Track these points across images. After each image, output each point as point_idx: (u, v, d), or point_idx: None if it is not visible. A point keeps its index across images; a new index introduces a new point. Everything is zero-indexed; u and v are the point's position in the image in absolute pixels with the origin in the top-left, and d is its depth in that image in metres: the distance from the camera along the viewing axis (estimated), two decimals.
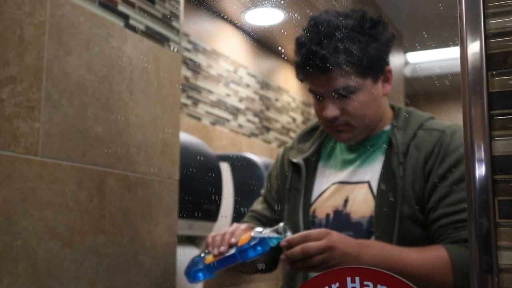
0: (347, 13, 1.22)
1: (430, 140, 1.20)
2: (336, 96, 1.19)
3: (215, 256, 1.19)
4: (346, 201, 1.25)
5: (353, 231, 1.20)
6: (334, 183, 1.29)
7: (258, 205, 1.46)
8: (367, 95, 1.20)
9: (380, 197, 1.19)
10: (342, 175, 1.28)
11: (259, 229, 1.16)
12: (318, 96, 1.23)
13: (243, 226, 1.23)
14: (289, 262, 1.08)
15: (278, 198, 1.40)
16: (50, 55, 1.12)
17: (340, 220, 1.24)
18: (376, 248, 1.10)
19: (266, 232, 1.14)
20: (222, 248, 1.17)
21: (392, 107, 1.31)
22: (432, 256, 1.10)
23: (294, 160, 1.34)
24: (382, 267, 1.04)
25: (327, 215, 1.26)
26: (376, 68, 1.21)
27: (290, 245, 1.07)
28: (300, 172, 1.32)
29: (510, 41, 0.55)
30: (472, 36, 0.56)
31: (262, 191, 1.49)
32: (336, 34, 1.17)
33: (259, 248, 1.13)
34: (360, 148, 1.29)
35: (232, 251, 1.16)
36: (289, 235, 1.12)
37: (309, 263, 1.05)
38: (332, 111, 1.20)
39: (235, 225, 1.24)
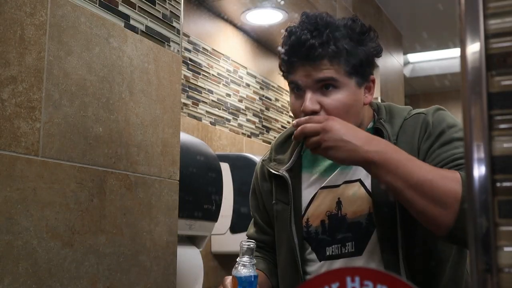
0: (340, 18, 1.22)
1: (417, 122, 1.18)
2: (318, 88, 1.15)
3: None
4: (338, 203, 1.21)
5: (351, 232, 1.18)
6: (322, 188, 1.24)
7: (250, 229, 1.42)
8: (349, 95, 1.16)
9: (376, 191, 1.16)
10: (330, 179, 1.24)
11: (238, 271, 1.13)
12: (298, 89, 1.18)
13: (228, 280, 1.15)
14: (295, 140, 1.15)
15: (267, 215, 1.35)
16: (51, 55, 1.12)
17: (336, 223, 1.20)
18: (381, 145, 1.06)
19: (242, 270, 1.11)
20: None
21: (370, 105, 1.28)
22: (441, 169, 1.07)
23: (277, 173, 1.27)
24: (385, 167, 1.03)
25: (322, 222, 1.22)
26: (361, 71, 1.17)
27: (298, 124, 1.10)
28: (285, 184, 1.26)
29: (510, 41, 0.55)
30: (472, 36, 0.56)
31: (251, 213, 1.42)
32: (327, 29, 1.15)
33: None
34: None
35: None
36: (250, 262, 1.10)
37: (307, 143, 1.09)
38: (312, 104, 1.14)
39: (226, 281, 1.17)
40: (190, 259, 1.73)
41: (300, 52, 1.15)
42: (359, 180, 1.20)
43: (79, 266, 1.15)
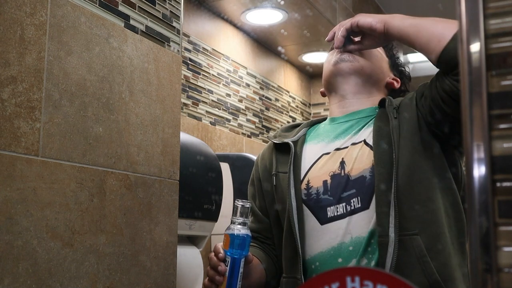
0: None
1: (412, 96, 1.29)
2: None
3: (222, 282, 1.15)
4: (342, 163, 1.24)
5: (355, 188, 1.19)
6: (325, 153, 1.29)
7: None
8: (375, 57, 1.36)
9: (377, 146, 1.20)
10: (333, 145, 1.29)
11: (230, 229, 1.13)
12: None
13: (220, 243, 1.19)
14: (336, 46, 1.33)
15: (263, 201, 1.38)
16: (51, 55, 1.12)
17: (340, 182, 1.22)
18: (399, 15, 1.29)
19: (234, 227, 1.12)
20: (220, 268, 1.14)
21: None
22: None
23: (281, 142, 1.34)
24: (399, 19, 1.27)
25: (324, 182, 1.24)
26: (396, 63, 1.42)
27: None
28: (287, 152, 1.31)
29: (510, 41, 0.55)
30: (472, 36, 0.56)
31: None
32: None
33: (237, 241, 1.11)
34: (349, 120, 1.32)
35: (229, 261, 1.13)
36: (245, 221, 1.10)
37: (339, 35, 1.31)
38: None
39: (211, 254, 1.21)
40: (190, 259, 1.73)
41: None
42: (363, 141, 1.25)
43: (79, 266, 1.15)
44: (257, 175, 1.41)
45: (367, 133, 1.26)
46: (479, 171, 0.54)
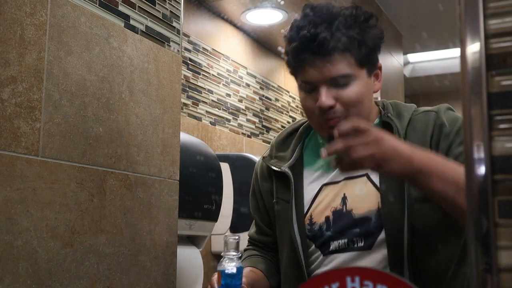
0: (342, 6, 1.19)
1: (428, 120, 1.17)
2: (332, 85, 1.13)
3: None
4: (344, 199, 1.19)
5: (359, 228, 1.15)
6: (325, 184, 1.22)
7: (251, 230, 1.40)
8: (362, 86, 1.15)
9: (384, 186, 1.14)
10: (333, 175, 1.22)
11: (221, 265, 1.11)
12: (310, 89, 1.16)
13: (215, 276, 1.14)
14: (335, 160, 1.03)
15: (267, 216, 1.33)
16: (51, 55, 1.12)
17: (342, 219, 1.18)
18: (424, 153, 1.02)
19: (225, 264, 1.10)
20: None
21: (376, 103, 1.28)
22: None
23: (279, 170, 1.25)
24: (435, 174, 0.97)
25: (327, 218, 1.20)
26: (371, 59, 1.17)
27: (339, 134, 0.99)
28: (287, 181, 1.24)
29: (510, 41, 0.55)
30: (472, 36, 0.56)
31: (252, 213, 1.40)
32: (335, 20, 1.12)
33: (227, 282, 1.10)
34: None
35: None
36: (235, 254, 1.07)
37: (348, 160, 0.98)
38: (328, 100, 1.12)
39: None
40: (190, 259, 1.73)
41: (312, 47, 1.11)
42: (366, 175, 1.18)
43: (79, 266, 1.15)
44: (258, 189, 1.35)
45: None
46: (479, 171, 0.54)
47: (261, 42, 3.15)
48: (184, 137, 1.69)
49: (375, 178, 1.16)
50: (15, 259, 1.02)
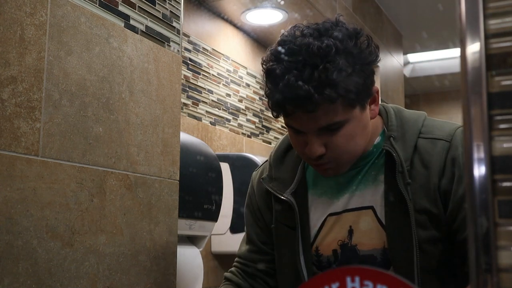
0: (321, 28, 1.02)
1: (438, 154, 1.06)
2: (321, 132, 1.02)
3: None
4: (350, 231, 1.11)
5: (365, 264, 1.07)
6: (331, 214, 1.14)
7: (242, 248, 1.29)
8: (355, 126, 1.03)
9: (390, 226, 1.06)
10: (338, 204, 1.13)
11: None
12: (297, 131, 1.05)
13: None
14: None
15: (266, 233, 1.23)
16: (51, 55, 1.12)
17: (348, 254, 1.11)
18: None
19: None
20: None
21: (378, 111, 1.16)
22: None
23: (282, 197, 1.15)
24: None
25: (334, 251, 1.12)
26: (364, 94, 1.03)
27: None
28: (290, 208, 1.15)
29: (510, 41, 0.55)
30: (472, 36, 0.56)
31: (245, 228, 1.30)
32: (318, 61, 0.96)
33: None
34: (352, 169, 1.12)
35: None
36: None
37: None
38: (317, 148, 1.02)
39: None
40: (190, 259, 1.73)
41: (294, 101, 0.98)
42: (372, 208, 1.10)
43: (79, 266, 1.15)
44: (256, 205, 1.25)
45: (375, 197, 1.09)
46: (479, 171, 0.54)
47: (261, 42, 3.15)
48: (184, 137, 1.69)
49: (380, 213, 1.09)
50: (15, 259, 1.02)
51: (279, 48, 1.02)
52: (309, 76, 0.96)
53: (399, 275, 1.09)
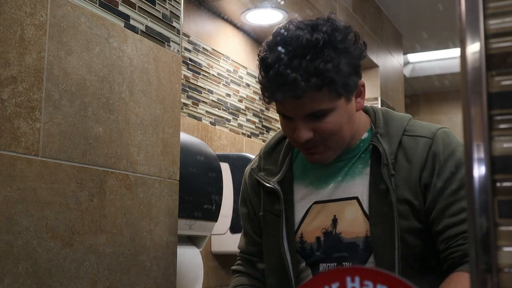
0: (314, 23, 1.10)
1: (420, 149, 1.13)
2: (308, 118, 1.10)
3: None
4: (334, 220, 1.17)
5: (347, 252, 1.14)
6: (316, 202, 1.20)
7: (241, 242, 1.36)
8: (340, 115, 1.11)
9: (374, 215, 1.12)
10: (324, 193, 1.20)
11: None
12: (287, 117, 1.13)
13: None
14: None
15: (258, 226, 1.29)
16: (51, 55, 1.12)
17: (331, 241, 1.16)
18: None
19: None
20: None
21: (366, 111, 1.24)
22: None
23: (268, 185, 1.22)
24: None
25: (318, 238, 1.18)
26: (350, 86, 1.10)
27: None
28: (276, 196, 1.21)
29: (510, 41, 0.55)
30: (472, 36, 0.56)
31: (241, 222, 1.37)
32: (306, 52, 1.05)
33: None
34: (339, 161, 1.20)
35: None
36: None
37: None
38: (304, 133, 1.10)
39: None
40: (190, 259, 1.73)
41: (283, 89, 1.07)
42: (357, 199, 1.16)
43: (79, 266, 1.15)
44: (248, 198, 1.32)
45: (360, 188, 1.16)
46: (479, 171, 0.54)
47: (261, 42, 3.15)
48: (184, 137, 1.69)
49: (365, 203, 1.15)
50: (15, 259, 1.02)
51: (273, 39, 1.11)
52: (297, 65, 1.04)
53: (380, 262, 1.11)
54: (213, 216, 1.77)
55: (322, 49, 1.05)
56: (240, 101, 2.97)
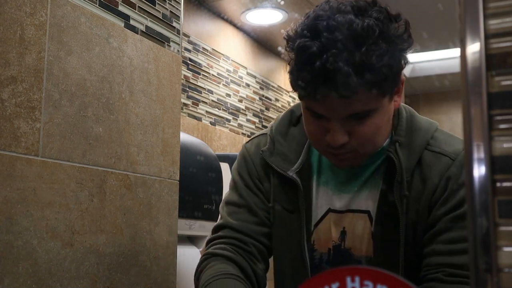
0: (359, 6, 0.92)
1: (438, 169, 1.01)
2: (347, 120, 0.94)
3: None
4: (343, 233, 1.06)
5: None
6: (331, 210, 1.07)
7: (224, 216, 1.13)
8: (381, 116, 0.96)
9: (379, 237, 1.03)
10: (340, 202, 1.07)
11: None
12: (319, 116, 0.96)
13: None
14: None
15: (266, 206, 1.12)
16: (51, 56, 1.12)
17: (340, 256, 1.07)
18: None
19: None
20: None
21: None
22: None
23: (286, 175, 1.07)
24: None
25: (328, 250, 1.07)
26: (397, 83, 0.96)
27: None
28: (291, 189, 1.07)
29: (510, 41, 0.55)
30: (472, 36, 0.56)
31: (230, 196, 1.15)
32: (361, 42, 0.88)
33: None
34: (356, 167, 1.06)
35: None
36: None
37: None
38: (341, 137, 0.94)
39: None
40: (190, 259, 1.73)
41: (330, 83, 0.88)
42: (368, 213, 1.05)
43: (79, 266, 1.15)
44: (255, 173, 1.13)
45: (372, 200, 1.05)
46: (479, 171, 0.54)
47: (261, 42, 3.15)
48: (184, 137, 1.69)
49: (373, 218, 1.04)
50: (15, 259, 1.02)
51: (313, 23, 0.91)
52: (349, 57, 0.86)
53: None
54: (213, 216, 1.77)
55: (377, 40, 0.88)
56: (240, 101, 2.97)
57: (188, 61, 2.54)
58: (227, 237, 1.10)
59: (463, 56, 0.55)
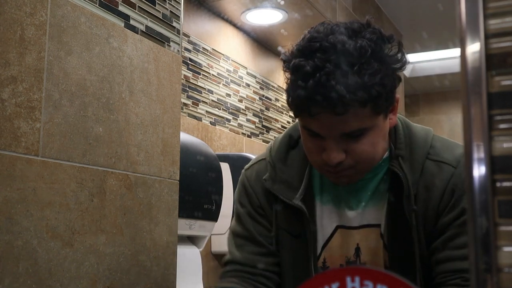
0: (353, 28, 0.96)
1: (441, 178, 1.03)
2: (342, 138, 0.96)
3: None
4: (357, 249, 1.07)
5: None
6: (338, 226, 1.09)
7: (232, 252, 1.15)
8: (376, 134, 0.98)
9: (394, 249, 1.04)
10: (348, 218, 1.08)
11: None
12: (315, 134, 0.98)
13: None
14: None
15: (270, 234, 1.13)
16: (51, 55, 1.12)
17: None
18: None
19: None
20: None
21: None
22: None
23: (291, 203, 1.08)
24: None
25: (341, 266, 1.08)
26: (391, 102, 0.99)
27: None
28: (296, 216, 1.08)
29: (510, 41, 0.55)
30: (472, 36, 0.56)
31: (240, 230, 1.16)
32: (354, 62, 0.91)
33: None
34: (360, 179, 1.07)
35: None
36: None
37: None
38: (337, 155, 0.96)
39: None
40: (190, 259, 1.73)
41: (323, 103, 0.91)
42: (379, 226, 1.07)
43: (79, 266, 1.15)
44: (256, 202, 1.15)
45: (381, 213, 1.06)
46: (479, 171, 0.54)
47: (261, 42, 3.15)
48: (184, 137, 1.69)
49: (384, 232, 1.06)
50: (15, 259, 1.02)
51: (308, 44, 0.95)
52: (342, 76, 0.90)
53: None
54: (213, 216, 1.77)
55: (370, 59, 0.92)
56: (240, 101, 2.97)
57: (188, 61, 2.55)
58: (236, 271, 1.13)
59: (463, 56, 0.55)
